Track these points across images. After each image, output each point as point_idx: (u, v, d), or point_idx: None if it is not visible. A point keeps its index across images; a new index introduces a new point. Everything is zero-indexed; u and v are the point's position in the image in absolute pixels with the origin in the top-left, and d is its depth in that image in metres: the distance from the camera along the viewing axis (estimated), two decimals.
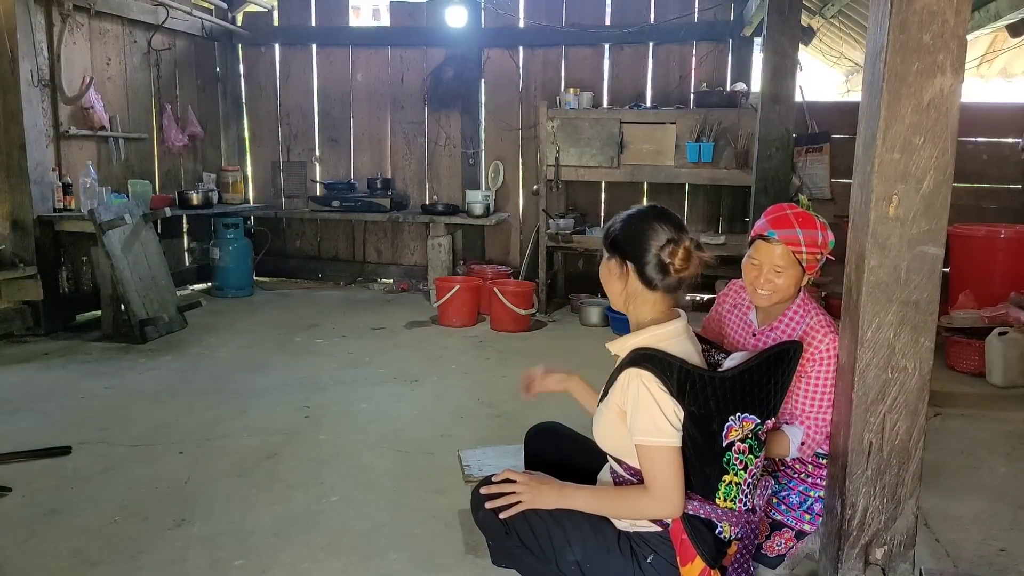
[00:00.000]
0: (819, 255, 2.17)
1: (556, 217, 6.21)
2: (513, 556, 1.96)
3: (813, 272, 2.19)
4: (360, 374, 4.48)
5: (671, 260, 1.81)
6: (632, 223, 1.87)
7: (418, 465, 3.23)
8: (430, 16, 6.86)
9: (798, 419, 2.13)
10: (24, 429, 3.53)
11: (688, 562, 1.79)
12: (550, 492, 1.87)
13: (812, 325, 2.16)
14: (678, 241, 1.82)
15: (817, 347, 2.11)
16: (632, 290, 1.87)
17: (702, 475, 1.78)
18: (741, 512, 1.84)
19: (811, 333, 2.14)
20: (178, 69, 6.63)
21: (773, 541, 2.18)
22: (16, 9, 4.82)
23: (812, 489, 2.18)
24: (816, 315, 2.18)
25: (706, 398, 1.72)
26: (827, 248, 2.18)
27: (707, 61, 6.49)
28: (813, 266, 2.17)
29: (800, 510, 2.18)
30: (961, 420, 3.85)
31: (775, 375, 1.83)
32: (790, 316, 2.22)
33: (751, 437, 1.81)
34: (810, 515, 2.17)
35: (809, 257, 2.14)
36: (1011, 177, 5.99)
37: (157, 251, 5.47)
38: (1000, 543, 2.64)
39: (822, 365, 2.11)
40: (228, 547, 2.54)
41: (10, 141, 4.96)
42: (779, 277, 2.14)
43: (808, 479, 2.19)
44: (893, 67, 1.68)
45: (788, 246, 2.12)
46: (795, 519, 2.18)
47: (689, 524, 1.79)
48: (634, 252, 1.84)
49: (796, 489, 2.20)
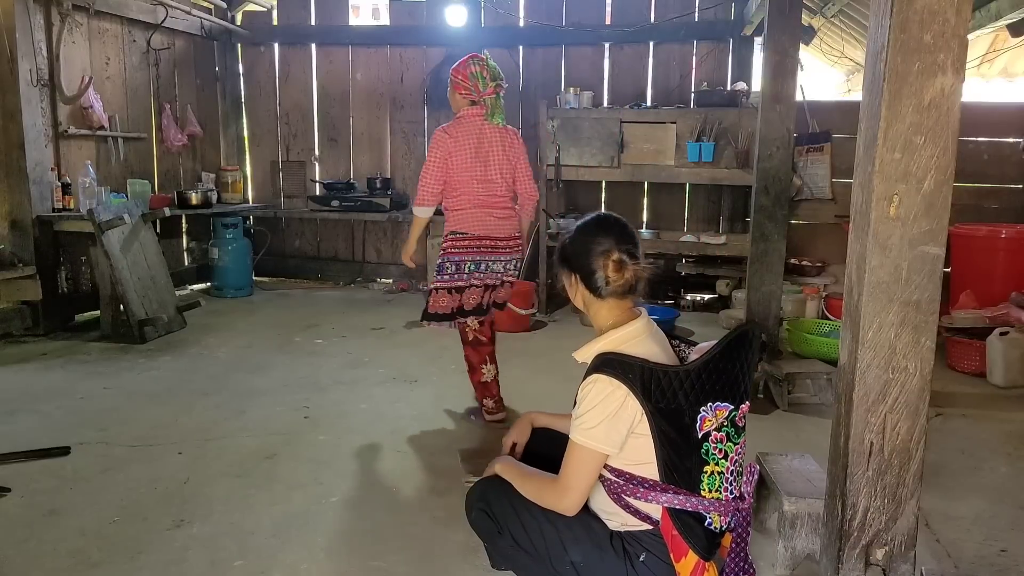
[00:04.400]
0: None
1: (556, 217, 6.20)
2: (509, 557, 1.97)
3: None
4: (359, 374, 4.47)
5: (603, 271, 1.89)
6: (578, 235, 1.97)
7: (418, 466, 3.22)
8: (430, 15, 6.86)
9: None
10: (23, 429, 3.53)
11: (682, 557, 1.80)
12: (501, 463, 2.07)
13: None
14: (609, 252, 1.89)
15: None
16: (586, 299, 1.95)
17: (683, 469, 1.80)
18: (729, 501, 1.85)
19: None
20: (177, 69, 6.63)
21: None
22: (15, 8, 4.82)
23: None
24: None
25: (674, 393, 1.76)
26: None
27: (707, 60, 6.48)
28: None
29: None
30: (962, 420, 3.85)
31: (739, 359, 1.86)
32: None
33: (727, 424, 1.84)
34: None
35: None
36: (1012, 177, 5.98)
37: (156, 251, 5.46)
38: (1001, 543, 2.64)
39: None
40: (227, 547, 2.54)
41: (9, 141, 4.95)
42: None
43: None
44: (894, 67, 1.68)
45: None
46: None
47: (678, 519, 1.80)
48: (577, 264, 1.94)
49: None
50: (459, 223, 3.57)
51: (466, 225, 3.57)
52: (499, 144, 3.59)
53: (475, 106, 3.57)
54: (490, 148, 3.57)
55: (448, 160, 3.50)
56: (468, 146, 3.52)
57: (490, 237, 3.59)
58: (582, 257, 1.92)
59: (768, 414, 3.85)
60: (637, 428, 1.77)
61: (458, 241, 3.58)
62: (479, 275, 3.62)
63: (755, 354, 1.93)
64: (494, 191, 3.59)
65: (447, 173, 3.53)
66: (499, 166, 3.59)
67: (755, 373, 2.01)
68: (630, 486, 1.81)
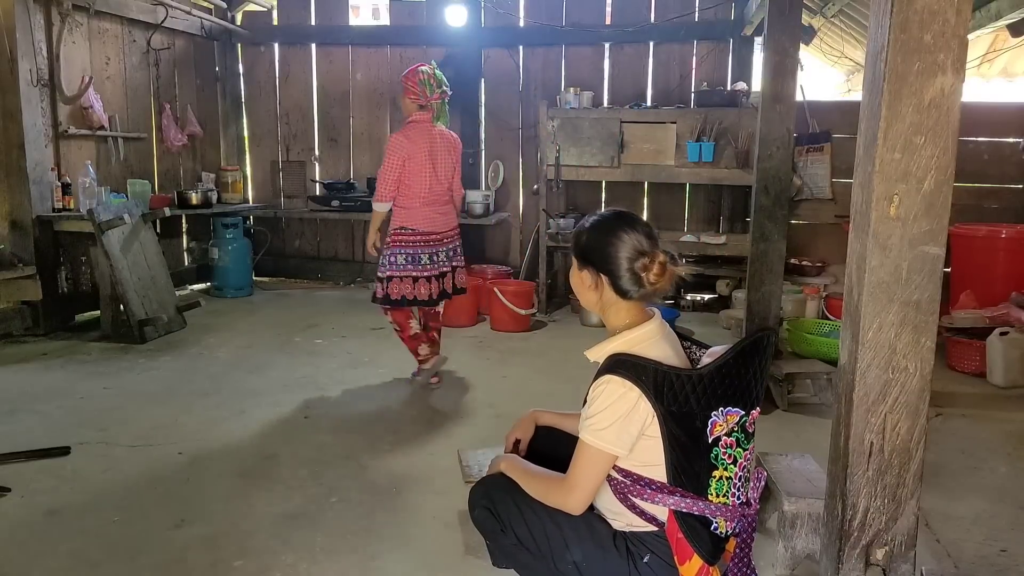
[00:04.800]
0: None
1: (556, 217, 6.20)
2: (511, 555, 1.97)
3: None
4: (359, 374, 4.47)
5: (646, 274, 1.84)
6: (602, 233, 1.89)
7: (418, 466, 3.22)
8: (430, 15, 6.85)
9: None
10: (23, 429, 3.53)
11: (686, 560, 1.80)
12: (505, 461, 2.04)
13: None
14: (652, 256, 1.84)
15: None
16: (607, 299, 1.90)
17: (692, 472, 1.79)
18: (735, 506, 1.85)
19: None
20: (177, 68, 6.63)
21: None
22: (15, 8, 4.82)
23: None
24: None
25: (686, 396, 1.75)
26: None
27: (707, 60, 6.48)
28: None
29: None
30: (962, 420, 3.85)
31: (752, 364, 1.84)
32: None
33: (737, 430, 1.83)
34: None
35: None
36: (1012, 177, 5.98)
37: (156, 251, 5.46)
38: (1001, 543, 2.64)
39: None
40: (227, 547, 2.54)
41: (9, 141, 4.95)
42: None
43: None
44: (894, 66, 1.68)
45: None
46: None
47: (684, 522, 1.79)
48: (608, 265, 1.87)
49: None
50: (408, 220, 3.96)
51: (415, 222, 3.97)
52: (444, 147, 4.05)
53: (423, 110, 3.98)
54: (438, 151, 4.01)
55: (405, 162, 3.89)
56: (422, 150, 3.93)
57: (435, 232, 4.02)
58: (615, 258, 1.85)
59: (768, 414, 3.85)
60: (648, 430, 1.76)
61: (408, 236, 3.97)
62: (431, 267, 4.00)
63: (768, 360, 1.91)
64: (439, 190, 4.03)
65: (402, 173, 3.91)
66: (444, 167, 4.04)
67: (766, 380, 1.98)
68: (637, 487, 1.81)
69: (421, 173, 3.93)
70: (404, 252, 3.95)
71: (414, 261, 3.96)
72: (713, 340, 1.94)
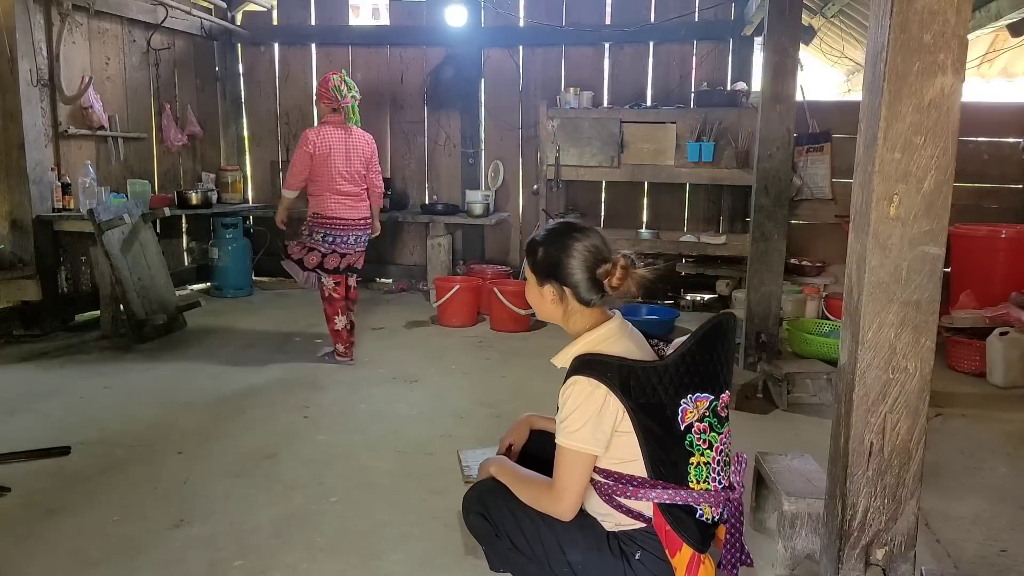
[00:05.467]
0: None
1: (556, 217, 6.19)
2: (507, 560, 1.97)
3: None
4: (359, 374, 4.47)
5: (607, 280, 1.86)
6: (559, 247, 1.90)
7: (417, 466, 3.22)
8: (430, 15, 6.85)
9: None
10: (23, 429, 3.53)
11: (676, 551, 1.81)
12: (497, 465, 2.05)
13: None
14: (613, 261, 1.86)
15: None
16: (570, 309, 1.93)
17: (669, 463, 1.81)
18: (718, 491, 1.86)
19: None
20: (177, 68, 6.63)
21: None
22: (15, 8, 4.82)
23: None
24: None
25: (652, 388, 1.77)
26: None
27: (707, 60, 6.48)
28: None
29: None
30: (962, 420, 3.85)
31: (716, 349, 1.86)
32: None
33: (709, 415, 1.84)
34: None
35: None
36: (1012, 177, 5.98)
37: (156, 251, 5.46)
38: (1001, 544, 2.64)
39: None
40: (227, 547, 2.54)
41: (9, 141, 4.96)
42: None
43: None
44: (894, 67, 1.68)
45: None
46: None
47: (669, 514, 1.81)
48: (571, 277, 1.88)
49: None
50: (319, 207, 4.50)
51: (324, 208, 4.49)
52: (356, 145, 4.56)
53: (336, 113, 4.51)
54: (350, 148, 4.51)
55: (312, 156, 4.40)
56: (331, 146, 4.43)
57: (342, 218, 4.52)
58: (576, 269, 1.87)
59: (768, 414, 3.85)
60: (620, 426, 1.78)
61: (319, 220, 4.50)
62: (341, 246, 4.55)
63: (731, 343, 1.93)
64: (351, 183, 4.51)
65: (312, 166, 4.42)
66: (356, 163, 4.53)
67: (734, 362, 1.99)
68: (619, 486, 1.82)
69: (329, 167, 4.43)
70: (320, 231, 4.51)
71: (328, 240, 4.52)
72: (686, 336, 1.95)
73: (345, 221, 4.52)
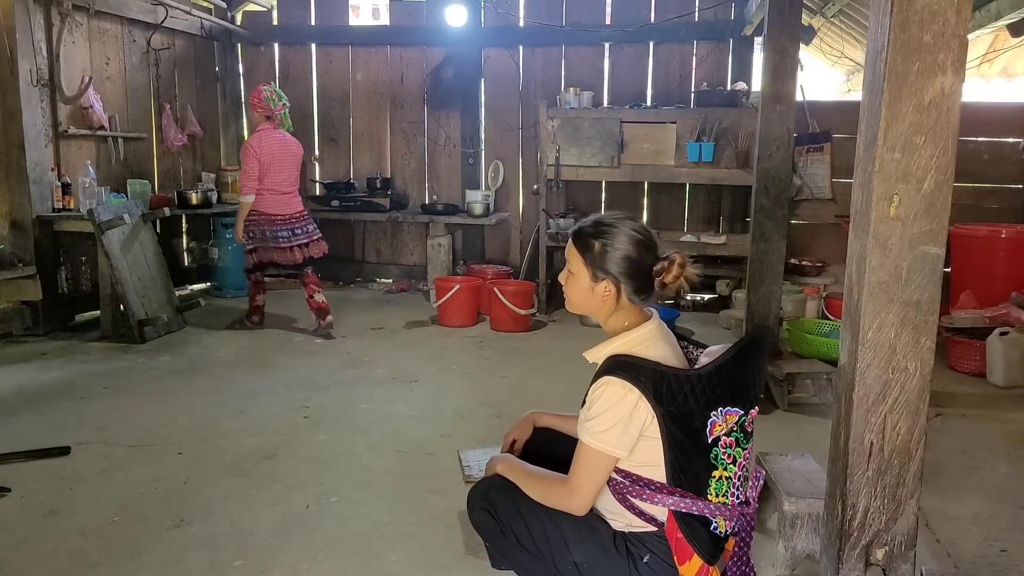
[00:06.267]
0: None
1: (556, 217, 6.20)
2: (511, 557, 1.96)
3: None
4: (359, 374, 4.47)
5: (663, 277, 1.87)
6: (619, 241, 1.87)
7: (418, 466, 3.22)
8: (430, 15, 6.85)
9: None
10: (23, 429, 3.53)
11: (686, 560, 1.79)
12: (503, 462, 2.03)
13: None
14: (670, 259, 1.87)
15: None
16: (620, 305, 1.91)
17: (691, 472, 1.79)
18: (734, 506, 1.85)
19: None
20: (177, 68, 6.63)
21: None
22: (15, 8, 4.82)
23: None
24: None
25: (684, 397, 1.75)
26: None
27: (707, 60, 6.48)
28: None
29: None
30: (962, 420, 3.85)
31: (751, 364, 1.85)
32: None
33: (736, 430, 1.83)
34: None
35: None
36: (1012, 177, 5.98)
37: (156, 251, 5.46)
38: (1001, 544, 2.64)
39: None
40: (227, 548, 2.54)
41: (9, 141, 4.95)
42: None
43: None
44: (894, 66, 1.68)
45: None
46: None
47: (683, 522, 1.79)
48: (628, 272, 1.87)
49: None
50: (261, 206, 4.98)
51: (267, 207, 4.99)
52: (288, 149, 5.07)
53: (269, 120, 4.99)
54: (286, 151, 5.06)
55: (259, 161, 4.88)
56: (271, 150, 4.94)
57: (282, 214, 5.04)
58: (636, 264, 1.85)
59: (768, 414, 3.85)
60: (647, 431, 1.76)
61: (259, 217, 4.99)
62: (293, 239, 5.07)
63: (765, 359, 1.92)
64: (286, 182, 5.05)
65: (259, 170, 4.90)
66: (289, 165, 5.07)
67: (766, 378, 1.99)
68: (636, 487, 1.81)
69: (271, 170, 4.94)
70: (259, 228, 5.00)
71: (272, 237, 5.01)
72: (713, 340, 1.94)
73: (283, 216, 5.03)
